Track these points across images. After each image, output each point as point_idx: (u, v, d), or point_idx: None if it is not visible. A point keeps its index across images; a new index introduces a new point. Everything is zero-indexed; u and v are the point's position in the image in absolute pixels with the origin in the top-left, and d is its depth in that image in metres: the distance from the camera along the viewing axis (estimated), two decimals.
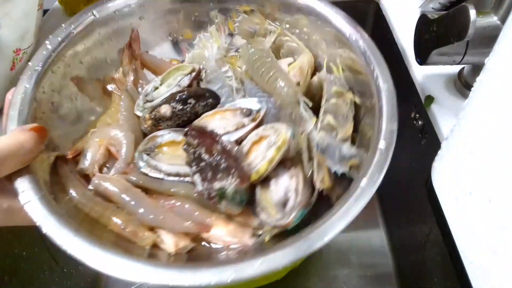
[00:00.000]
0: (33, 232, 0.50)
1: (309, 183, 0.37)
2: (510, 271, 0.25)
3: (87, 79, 0.45)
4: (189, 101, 0.41)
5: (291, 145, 0.36)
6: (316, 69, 0.46)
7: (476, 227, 0.28)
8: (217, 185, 0.34)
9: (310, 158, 0.38)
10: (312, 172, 0.37)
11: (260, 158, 0.36)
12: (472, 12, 0.38)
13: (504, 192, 0.25)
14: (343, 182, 0.36)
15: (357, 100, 0.41)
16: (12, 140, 0.31)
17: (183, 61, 0.50)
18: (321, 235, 0.29)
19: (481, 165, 0.27)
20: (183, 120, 0.41)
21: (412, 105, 0.56)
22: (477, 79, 0.28)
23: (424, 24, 0.46)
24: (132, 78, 0.47)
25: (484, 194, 0.26)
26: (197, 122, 0.41)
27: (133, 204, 0.36)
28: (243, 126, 0.39)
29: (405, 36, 0.59)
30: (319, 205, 0.36)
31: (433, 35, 0.44)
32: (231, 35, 0.47)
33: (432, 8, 0.58)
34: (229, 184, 0.34)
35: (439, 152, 0.34)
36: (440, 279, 0.48)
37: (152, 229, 0.36)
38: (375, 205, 0.74)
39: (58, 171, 0.38)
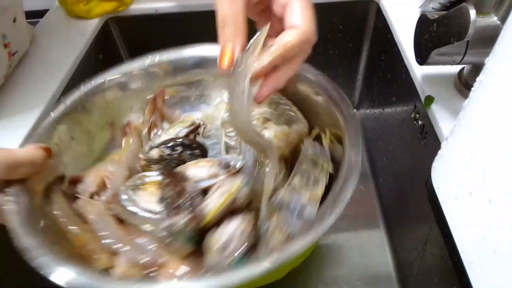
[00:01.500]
0: None
1: (256, 234, 0.39)
2: (510, 271, 0.25)
3: (118, 125, 0.52)
4: (176, 148, 0.46)
5: (240, 194, 0.39)
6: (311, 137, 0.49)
7: (476, 227, 0.28)
8: (171, 220, 0.37)
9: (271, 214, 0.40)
10: (267, 228, 0.39)
11: (212, 205, 0.38)
12: (472, 12, 0.38)
13: (504, 192, 0.25)
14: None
15: (330, 169, 0.43)
16: (28, 153, 0.36)
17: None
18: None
19: (481, 165, 0.27)
20: (171, 165, 0.46)
21: (412, 105, 0.56)
22: (477, 79, 0.28)
23: (424, 24, 0.46)
24: (147, 127, 0.53)
25: (484, 194, 0.26)
26: (180, 167, 0.44)
27: (101, 227, 0.41)
28: (217, 176, 0.42)
29: (405, 36, 0.59)
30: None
31: (433, 35, 0.44)
32: None
33: (432, 8, 0.58)
34: (182, 220, 0.37)
35: (439, 152, 0.34)
36: (440, 279, 0.48)
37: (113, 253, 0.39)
38: (375, 205, 0.74)
39: (51, 187, 0.42)
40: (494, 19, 0.41)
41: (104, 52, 0.70)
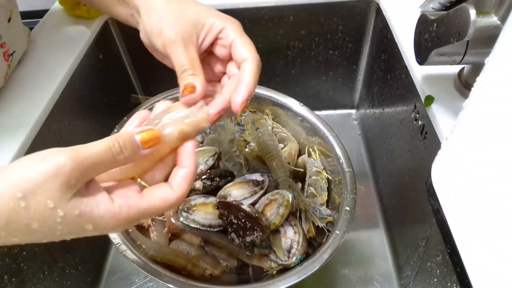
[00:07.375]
0: None
1: (307, 238, 0.55)
2: (510, 271, 0.25)
3: None
4: (215, 179, 0.59)
5: (294, 203, 0.55)
6: (299, 152, 0.66)
7: (476, 227, 0.28)
8: (248, 239, 0.51)
9: (300, 216, 0.56)
10: (302, 224, 0.55)
11: (274, 215, 0.54)
12: (472, 12, 0.38)
13: (505, 192, 0.25)
14: (323, 233, 0.54)
15: (330, 176, 0.60)
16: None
17: (201, 142, 0.68)
18: (308, 268, 0.47)
19: (481, 165, 0.27)
20: (208, 190, 0.59)
21: (412, 105, 0.56)
22: (477, 79, 0.28)
23: (424, 24, 0.46)
24: None
25: (484, 194, 0.26)
26: (222, 191, 0.58)
27: (184, 248, 0.55)
28: (256, 192, 0.57)
29: (405, 36, 0.59)
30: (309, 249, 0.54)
31: (433, 35, 0.44)
32: (238, 124, 0.68)
33: (432, 8, 0.58)
34: (256, 236, 0.50)
35: (439, 152, 0.34)
36: (440, 279, 0.48)
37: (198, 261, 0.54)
38: (375, 205, 0.74)
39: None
40: (494, 19, 0.41)
41: (104, 52, 0.70)
